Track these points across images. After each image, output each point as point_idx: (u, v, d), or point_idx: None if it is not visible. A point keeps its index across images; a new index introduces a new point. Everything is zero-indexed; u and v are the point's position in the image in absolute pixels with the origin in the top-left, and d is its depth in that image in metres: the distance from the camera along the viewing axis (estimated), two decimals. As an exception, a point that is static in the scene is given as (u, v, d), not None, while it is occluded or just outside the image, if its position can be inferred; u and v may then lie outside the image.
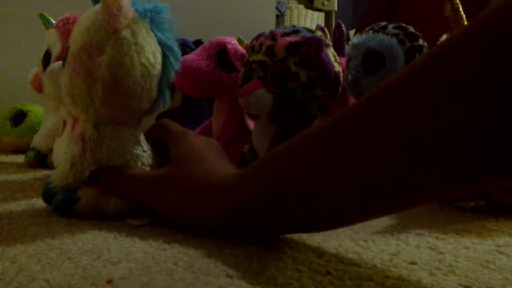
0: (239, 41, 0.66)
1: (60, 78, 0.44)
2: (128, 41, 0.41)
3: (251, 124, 0.59)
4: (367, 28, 0.60)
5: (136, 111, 0.44)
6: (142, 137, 0.45)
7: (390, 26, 0.56)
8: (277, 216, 0.33)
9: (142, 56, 0.42)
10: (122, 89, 0.41)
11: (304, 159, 0.31)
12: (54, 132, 0.68)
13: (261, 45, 0.52)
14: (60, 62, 0.46)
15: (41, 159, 0.71)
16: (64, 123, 0.62)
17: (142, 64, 0.42)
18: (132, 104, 0.42)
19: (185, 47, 0.79)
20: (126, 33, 0.41)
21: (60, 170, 0.43)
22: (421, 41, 0.55)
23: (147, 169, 0.44)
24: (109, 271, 0.29)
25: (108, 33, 0.41)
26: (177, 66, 0.45)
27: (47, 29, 0.67)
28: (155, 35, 0.43)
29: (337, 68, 0.51)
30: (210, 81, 0.64)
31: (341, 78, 0.52)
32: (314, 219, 0.32)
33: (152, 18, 0.43)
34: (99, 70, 0.41)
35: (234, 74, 0.64)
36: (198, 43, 0.83)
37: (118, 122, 0.43)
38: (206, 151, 0.40)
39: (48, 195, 0.44)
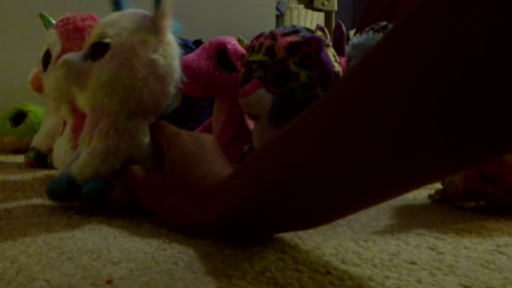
0: (239, 41, 0.66)
1: (93, 69, 0.43)
2: (172, 46, 0.45)
3: (251, 124, 0.59)
4: (367, 28, 0.60)
5: (161, 109, 0.46)
6: None
7: (390, 26, 0.56)
8: (266, 216, 0.33)
9: (177, 60, 0.45)
10: (165, 87, 0.44)
11: (283, 156, 0.31)
12: (54, 132, 0.68)
13: (261, 45, 0.52)
14: (76, 54, 0.45)
15: (41, 159, 0.72)
16: (64, 123, 0.62)
17: (176, 68, 0.45)
18: (164, 102, 0.45)
19: (185, 47, 0.79)
20: (170, 37, 0.44)
21: (85, 163, 0.42)
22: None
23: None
24: (109, 271, 0.29)
25: (160, 37, 0.43)
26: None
27: (47, 29, 0.67)
28: None
29: (337, 68, 0.51)
30: (210, 81, 0.64)
31: (341, 78, 0.52)
32: (299, 216, 0.32)
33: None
34: (154, 65, 0.43)
35: (234, 74, 0.64)
36: (198, 43, 0.83)
37: (145, 117, 0.45)
38: (201, 154, 0.40)
39: (70, 188, 0.42)
